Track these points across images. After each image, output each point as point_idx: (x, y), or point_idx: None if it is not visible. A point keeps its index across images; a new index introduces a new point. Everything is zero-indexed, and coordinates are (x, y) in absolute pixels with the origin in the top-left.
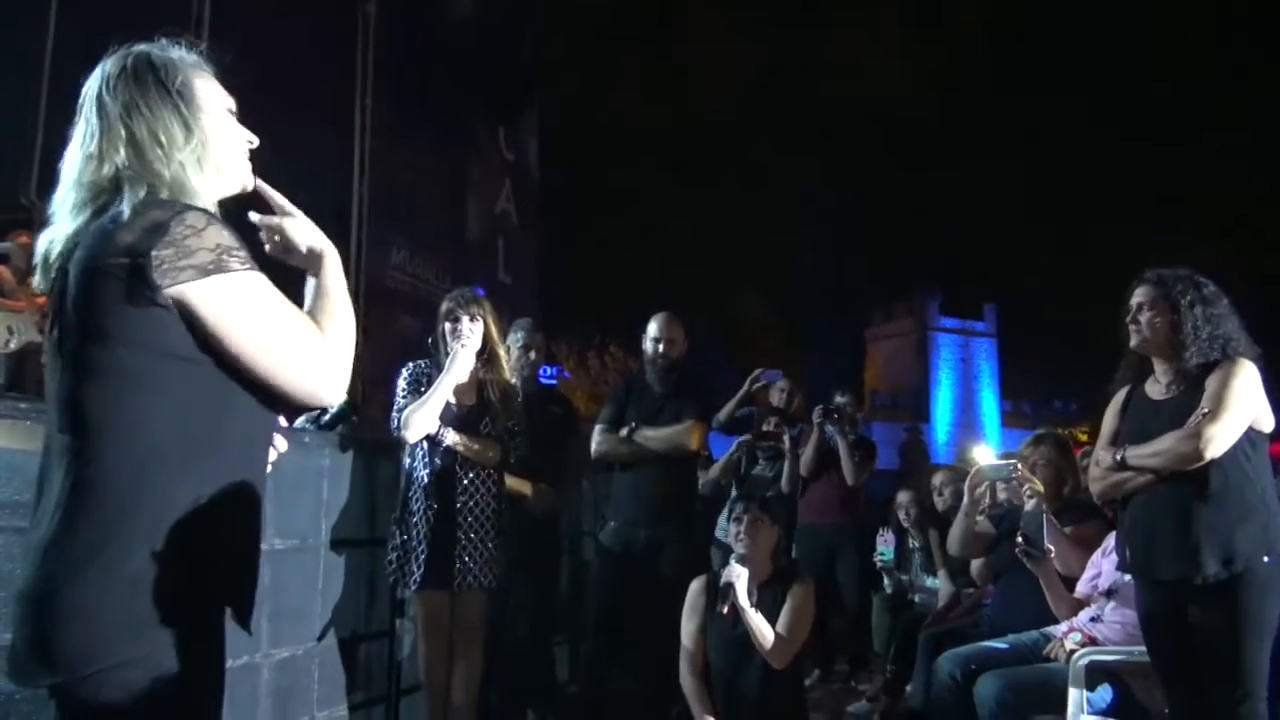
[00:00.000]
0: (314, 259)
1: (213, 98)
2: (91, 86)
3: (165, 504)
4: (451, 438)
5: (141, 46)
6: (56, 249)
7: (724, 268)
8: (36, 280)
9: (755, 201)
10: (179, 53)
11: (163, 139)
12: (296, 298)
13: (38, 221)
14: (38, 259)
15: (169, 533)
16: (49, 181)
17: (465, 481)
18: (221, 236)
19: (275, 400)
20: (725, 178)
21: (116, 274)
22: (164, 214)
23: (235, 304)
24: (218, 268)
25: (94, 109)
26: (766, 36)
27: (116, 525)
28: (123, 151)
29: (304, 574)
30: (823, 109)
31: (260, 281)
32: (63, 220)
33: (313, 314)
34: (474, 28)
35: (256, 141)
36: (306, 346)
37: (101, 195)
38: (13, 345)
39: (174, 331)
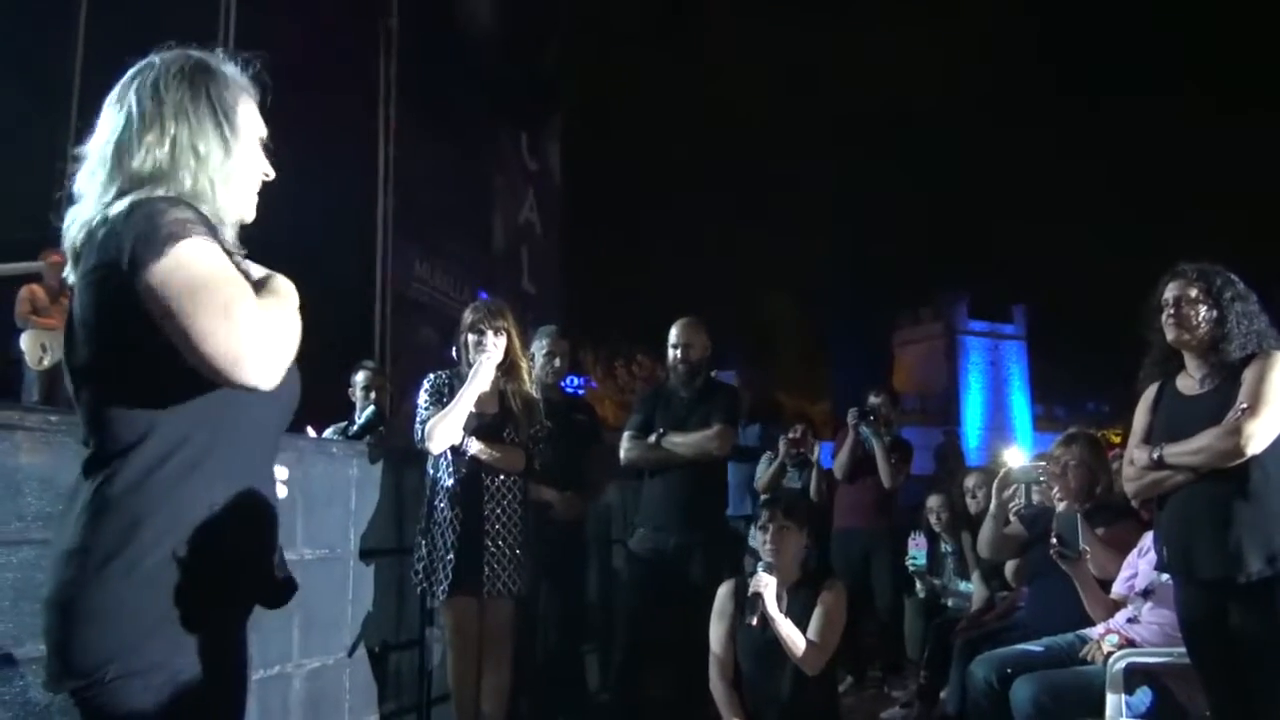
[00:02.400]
0: None
1: (251, 124)
2: (147, 74)
3: (178, 507)
4: (475, 446)
5: (200, 53)
6: (79, 237)
7: (751, 275)
8: (68, 270)
9: (781, 207)
10: (233, 69)
11: (200, 151)
12: None
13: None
14: (65, 244)
15: (182, 535)
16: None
17: (491, 489)
18: (183, 213)
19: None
20: (751, 184)
21: (107, 282)
22: (137, 213)
23: (183, 267)
24: (176, 236)
25: (148, 95)
26: (790, 40)
27: (131, 530)
28: (166, 149)
29: (334, 584)
30: (848, 111)
31: (210, 249)
32: (88, 199)
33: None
34: (495, 39)
35: (273, 175)
36: (243, 316)
37: (132, 188)
38: (46, 362)
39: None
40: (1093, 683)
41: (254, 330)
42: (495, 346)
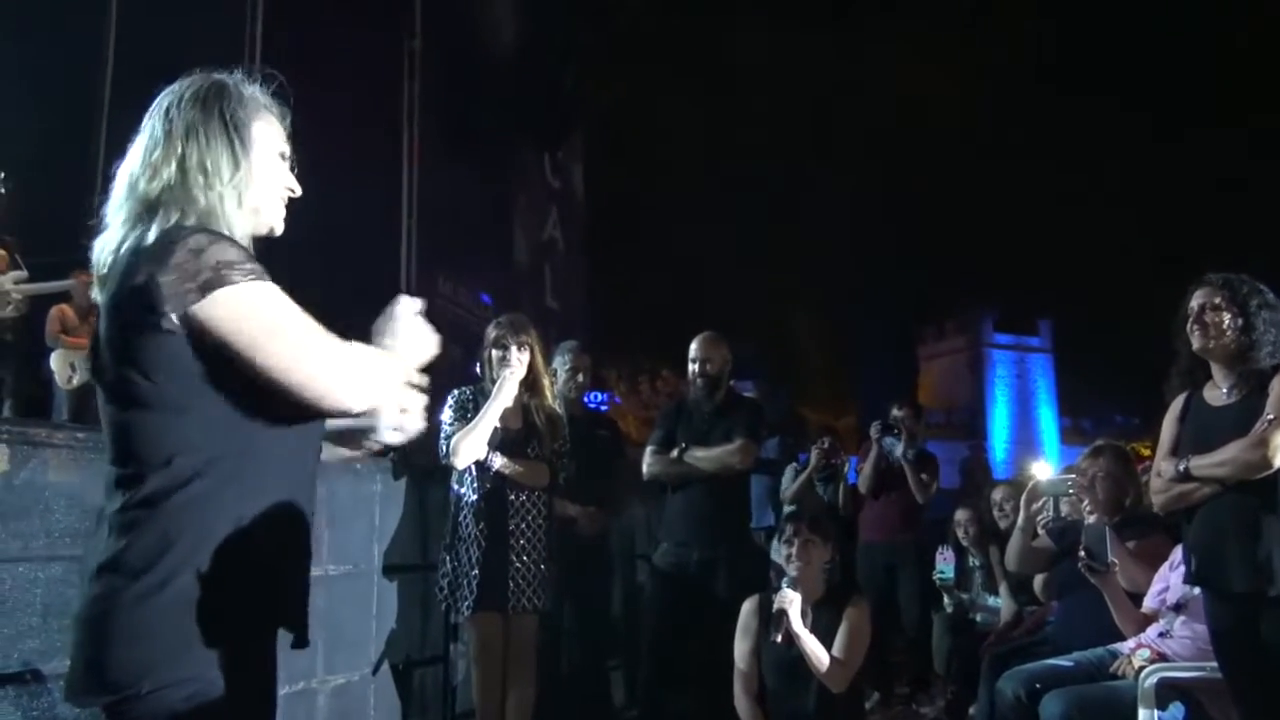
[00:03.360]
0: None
1: (268, 139)
2: (165, 98)
3: (207, 525)
4: (500, 461)
5: (220, 75)
6: (105, 261)
7: (775, 289)
8: (94, 291)
9: (804, 221)
10: (252, 89)
11: (208, 167)
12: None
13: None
14: (94, 268)
15: (212, 553)
16: (99, 224)
17: (516, 504)
18: (224, 253)
19: (296, 403)
20: (773, 198)
21: (132, 305)
22: (171, 241)
23: (238, 313)
24: (218, 282)
25: (161, 120)
26: (811, 55)
27: (162, 548)
28: (173, 168)
29: (358, 600)
30: (869, 125)
31: (266, 289)
32: (113, 227)
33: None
34: (517, 58)
35: (299, 191)
36: (319, 345)
37: (147, 211)
38: (75, 381)
39: (190, 356)
40: (1124, 698)
41: (338, 356)
42: (519, 362)
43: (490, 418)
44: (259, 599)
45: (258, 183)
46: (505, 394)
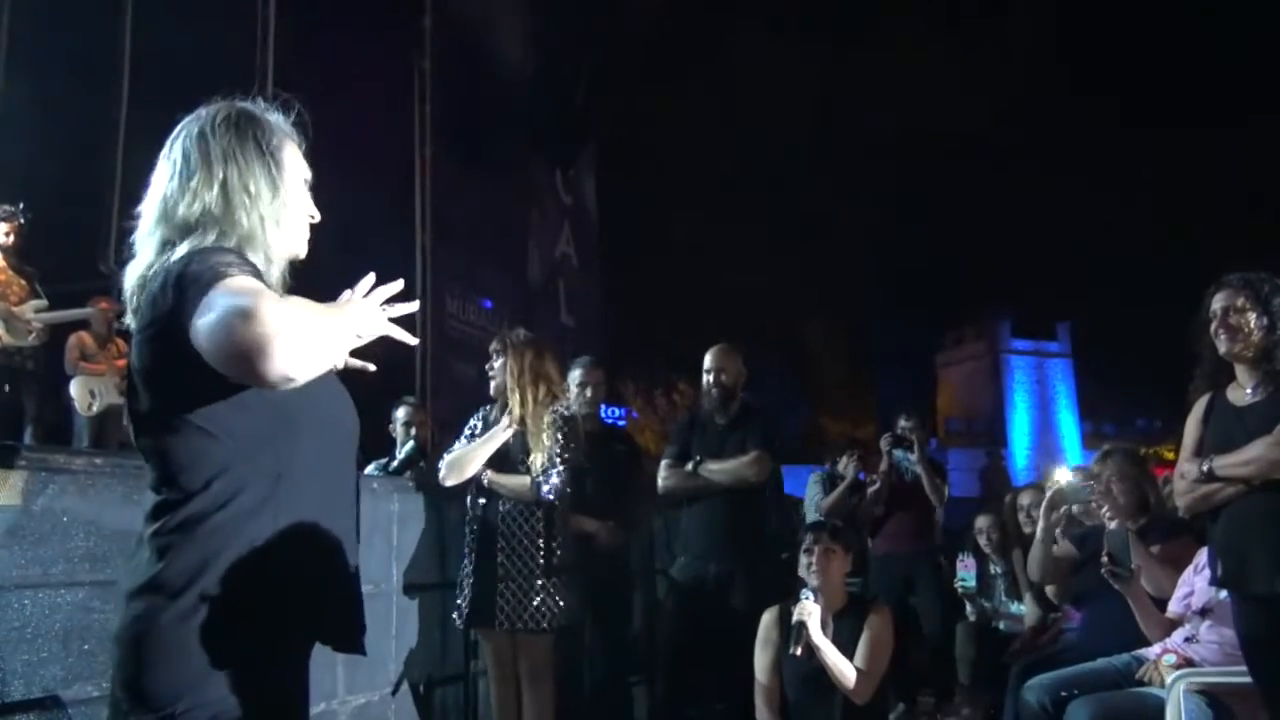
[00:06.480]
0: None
1: (296, 166)
2: (192, 124)
3: (244, 546)
4: (489, 476)
5: (245, 103)
6: (133, 289)
7: (790, 300)
8: (128, 318)
9: (820, 231)
10: (276, 117)
11: (251, 190)
12: None
13: (116, 289)
14: (126, 293)
15: (249, 574)
16: (126, 251)
17: (507, 521)
18: (221, 257)
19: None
20: (788, 208)
21: (162, 331)
22: (188, 261)
23: (214, 292)
24: (214, 277)
25: (194, 145)
26: (822, 66)
27: (199, 569)
28: (215, 191)
29: (378, 619)
30: (884, 132)
31: (246, 279)
32: (144, 251)
33: None
34: (528, 74)
35: (319, 217)
36: (267, 308)
37: (182, 235)
38: (95, 408)
39: (216, 375)
40: (1151, 705)
41: (278, 319)
42: (505, 370)
43: (483, 453)
44: (296, 618)
45: (290, 208)
46: (494, 443)
